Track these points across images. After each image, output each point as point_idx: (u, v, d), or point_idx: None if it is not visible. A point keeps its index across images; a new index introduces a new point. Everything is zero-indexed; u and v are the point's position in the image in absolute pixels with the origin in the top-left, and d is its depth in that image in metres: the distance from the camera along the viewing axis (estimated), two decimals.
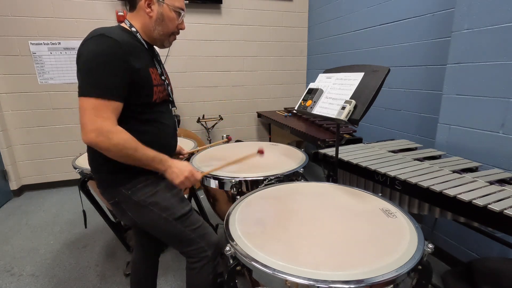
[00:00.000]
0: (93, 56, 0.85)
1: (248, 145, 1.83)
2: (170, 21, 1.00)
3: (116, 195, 1.00)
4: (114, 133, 0.86)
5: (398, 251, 0.74)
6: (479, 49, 1.47)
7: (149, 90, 0.96)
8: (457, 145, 1.62)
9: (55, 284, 1.72)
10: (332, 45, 3.09)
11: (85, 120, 0.84)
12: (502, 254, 1.54)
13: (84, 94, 0.84)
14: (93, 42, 0.86)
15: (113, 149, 0.87)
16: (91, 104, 0.84)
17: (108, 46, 0.85)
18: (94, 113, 0.83)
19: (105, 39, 0.86)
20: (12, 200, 2.92)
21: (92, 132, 0.83)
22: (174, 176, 0.96)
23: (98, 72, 0.84)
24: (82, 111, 0.84)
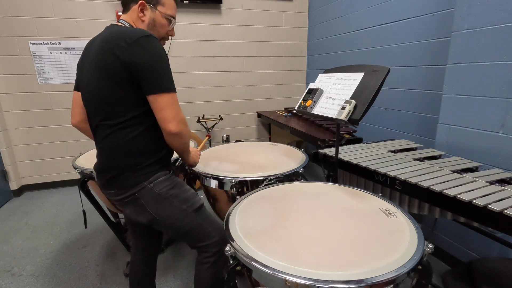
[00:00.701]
0: (160, 54, 0.92)
1: (248, 145, 1.83)
2: (162, 27, 1.05)
3: (136, 190, 1.00)
4: (186, 122, 1.00)
5: (398, 251, 0.74)
6: (479, 49, 1.47)
7: None
8: (457, 145, 1.62)
9: (55, 284, 1.72)
10: (332, 45, 3.09)
11: (173, 113, 0.94)
12: (502, 254, 1.54)
13: (163, 91, 0.92)
14: (151, 42, 0.91)
15: (185, 135, 1.01)
16: (173, 98, 0.94)
17: (159, 43, 0.93)
18: (177, 106, 0.95)
19: (153, 38, 0.92)
20: (12, 200, 2.92)
21: (181, 122, 0.96)
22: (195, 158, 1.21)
23: (168, 69, 0.94)
24: (169, 105, 0.93)
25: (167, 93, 0.92)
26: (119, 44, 0.88)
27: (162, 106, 0.93)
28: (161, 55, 0.92)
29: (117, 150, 0.99)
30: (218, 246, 1.09)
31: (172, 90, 0.94)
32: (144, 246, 1.30)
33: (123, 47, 0.88)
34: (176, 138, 0.99)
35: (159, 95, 0.91)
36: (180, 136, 0.98)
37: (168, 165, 1.11)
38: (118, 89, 0.92)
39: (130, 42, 0.88)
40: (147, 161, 1.00)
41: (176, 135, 0.97)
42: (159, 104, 0.92)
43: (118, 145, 0.98)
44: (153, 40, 0.91)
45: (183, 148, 1.07)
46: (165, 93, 0.92)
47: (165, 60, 0.93)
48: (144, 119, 0.98)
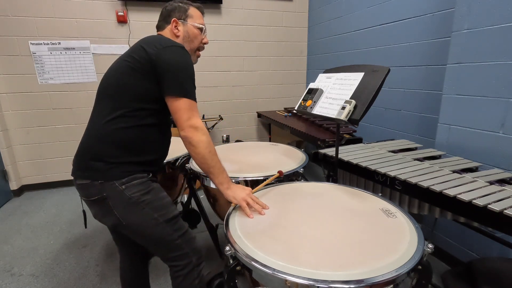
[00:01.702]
0: (187, 64, 0.98)
1: (248, 145, 1.83)
2: (195, 37, 1.13)
3: (105, 189, 0.96)
4: (206, 132, 0.99)
5: (398, 251, 0.74)
6: (479, 49, 1.47)
7: None
8: (457, 145, 1.62)
9: (55, 284, 1.72)
10: (332, 45, 3.09)
11: (185, 117, 0.95)
12: (502, 254, 1.54)
13: (182, 95, 0.95)
14: (182, 52, 0.99)
15: (202, 145, 0.97)
16: (188, 105, 0.96)
17: (189, 56, 1.01)
18: (191, 112, 0.96)
19: (185, 50, 1.00)
20: (12, 200, 2.92)
21: (191, 127, 0.96)
22: (235, 193, 1.02)
23: (190, 78, 0.98)
24: (180, 109, 0.95)
25: (184, 98, 0.95)
26: (154, 45, 0.96)
27: (177, 109, 0.96)
28: (188, 65, 0.98)
29: (101, 133, 0.97)
30: (188, 258, 1.06)
31: (190, 97, 0.97)
32: (131, 253, 1.24)
33: (156, 48, 0.95)
34: (187, 146, 0.99)
35: (177, 98, 0.95)
36: (190, 143, 0.97)
37: (151, 170, 1.06)
38: (133, 78, 0.96)
39: (164, 46, 0.96)
40: (126, 158, 0.97)
41: (185, 141, 0.98)
42: (175, 106, 0.96)
43: (104, 129, 0.97)
44: (185, 51, 0.99)
45: (203, 164, 1.00)
46: (183, 98, 0.95)
47: (191, 71, 0.99)
48: (146, 117, 0.99)
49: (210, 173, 1.01)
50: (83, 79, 2.96)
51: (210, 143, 1.00)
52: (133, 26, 2.99)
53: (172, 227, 1.03)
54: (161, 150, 1.12)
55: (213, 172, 1.01)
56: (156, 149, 1.07)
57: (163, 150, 1.14)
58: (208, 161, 0.99)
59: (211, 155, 0.99)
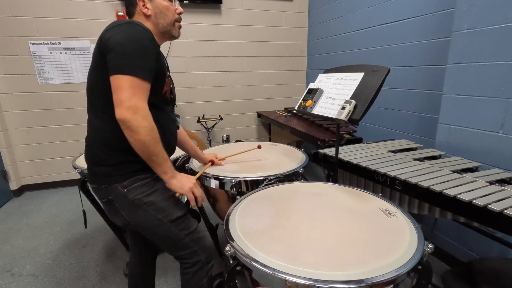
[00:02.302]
0: (128, 37, 0.86)
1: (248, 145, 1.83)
2: (167, 9, 1.03)
3: (110, 193, 0.97)
4: (148, 116, 0.88)
5: (398, 251, 0.74)
6: (479, 49, 1.47)
7: (162, 79, 1.00)
8: (457, 145, 1.62)
9: (55, 284, 1.72)
10: (332, 45, 3.09)
11: (122, 97, 0.84)
12: (502, 254, 1.54)
13: (121, 72, 0.84)
14: (124, 27, 0.88)
15: (143, 131, 0.86)
16: (128, 82, 0.84)
17: (140, 31, 0.89)
18: (132, 91, 0.85)
19: (136, 25, 0.90)
20: (12, 200, 2.92)
21: (130, 109, 0.84)
22: (181, 183, 0.99)
23: (134, 53, 0.86)
24: (118, 88, 0.84)
25: (121, 75, 0.84)
26: (104, 31, 0.90)
27: (116, 87, 0.85)
28: (136, 39, 0.87)
29: (90, 137, 0.97)
30: (197, 256, 1.06)
31: (135, 74, 0.85)
32: (141, 249, 1.27)
33: (105, 32, 0.89)
34: (125, 130, 0.86)
35: (116, 76, 0.84)
36: (129, 127, 0.85)
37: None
38: (96, 74, 0.92)
39: (110, 28, 0.89)
40: (121, 159, 0.95)
41: (123, 125, 0.85)
42: (114, 85, 0.85)
43: (90, 133, 0.97)
44: (134, 27, 0.89)
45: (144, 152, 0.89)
46: (125, 75, 0.84)
47: (139, 46, 0.87)
48: None
49: (152, 161, 0.92)
50: (83, 79, 2.96)
51: (154, 129, 0.89)
52: None
53: (178, 227, 1.03)
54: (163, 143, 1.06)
55: (155, 161, 0.92)
56: None
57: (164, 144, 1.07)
58: (150, 148, 0.89)
59: (153, 142, 0.89)
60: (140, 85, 0.87)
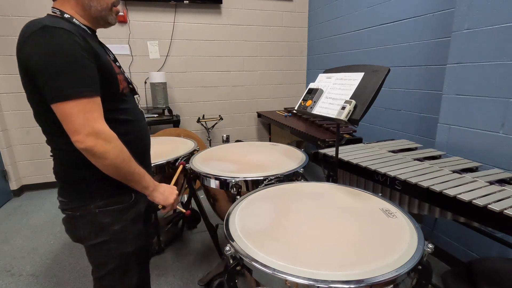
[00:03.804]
0: (51, 52, 0.71)
1: (248, 145, 1.83)
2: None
3: (79, 209, 0.88)
4: (111, 136, 0.78)
5: (398, 251, 0.74)
6: (479, 49, 1.47)
7: (114, 80, 0.85)
8: (457, 145, 1.62)
9: (55, 284, 1.72)
10: (332, 45, 3.09)
11: (75, 125, 0.73)
12: (502, 254, 1.54)
13: (62, 99, 0.72)
14: (40, 37, 0.71)
15: (111, 155, 0.77)
16: (75, 107, 0.72)
17: (62, 37, 0.72)
18: (83, 116, 0.73)
19: (54, 30, 0.71)
20: (12, 200, 2.92)
21: (89, 136, 0.74)
22: (165, 196, 0.94)
23: (67, 70, 0.72)
24: (67, 117, 0.73)
25: (68, 101, 0.72)
26: (18, 42, 0.74)
27: (63, 117, 0.73)
28: (61, 50, 0.71)
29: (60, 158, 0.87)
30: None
31: (78, 96, 0.72)
32: None
33: (18, 45, 0.74)
34: (91, 159, 0.77)
35: (58, 105, 0.72)
36: (94, 155, 0.76)
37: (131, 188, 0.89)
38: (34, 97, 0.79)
39: (24, 40, 0.72)
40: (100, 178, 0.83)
41: (87, 154, 0.76)
42: (60, 115, 0.73)
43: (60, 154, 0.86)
44: (46, 32, 0.71)
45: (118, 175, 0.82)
46: (66, 102, 0.72)
47: (68, 55, 0.72)
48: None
49: (129, 181, 0.85)
50: None
51: (122, 148, 0.80)
52: (133, 26, 2.99)
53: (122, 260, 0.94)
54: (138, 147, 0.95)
55: (132, 180, 0.85)
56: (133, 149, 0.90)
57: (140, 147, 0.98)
58: (123, 170, 0.81)
59: (125, 163, 0.81)
60: (90, 104, 0.75)
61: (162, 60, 3.15)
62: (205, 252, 1.98)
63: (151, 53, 3.11)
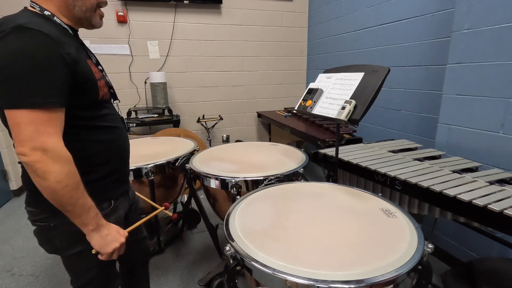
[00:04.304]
0: (15, 55, 0.66)
1: (248, 145, 1.83)
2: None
3: (53, 219, 0.82)
4: (60, 157, 0.69)
5: (398, 251, 0.74)
6: (479, 49, 1.47)
7: (93, 86, 0.80)
8: (457, 145, 1.62)
9: (55, 284, 1.72)
10: (332, 45, 3.09)
11: (21, 136, 0.66)
12: (502, 254, 1.54)
13: (12, 106, 0.66)
14: (13, 38, 0.67)
15: (52, 178, 0.68)
16: (26, 117, 0.66)
17: (34, 40, 0.67)
18: (33, 128, 0.66)
19: (27, 31, 0.67)
20: (12, 200, 2.92)
21: (35, 150, 0.66)
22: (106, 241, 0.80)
23: (28, 75, 0.66)
24: (15, 125, 0.67)
25: (19, 109, 0.66)
26: None
27: (11, 125, 0.68)
28: (22, 54, 0.66)
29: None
30: None
31: (31, 105, 0.66)
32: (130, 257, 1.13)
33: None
34: (31, 175, 0.69)
35: (8, 111, 0.67)
36: (35, 172, 0.67)
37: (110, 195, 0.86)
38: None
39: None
40: None
41: (28, 168, 0.68)
42: (9, 122, 0.68)
43: None
44: (17, 33, 0.67)
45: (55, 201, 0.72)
46: (16, 109, 0.66)
47: (30, 61, 0.66)
48: None
49: (66, 211, 0.74)
50: None
51: (70, 173, 0.71)
52: (133, 26, 2.99)
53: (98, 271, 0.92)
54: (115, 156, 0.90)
55: (72, 211, 0.74)
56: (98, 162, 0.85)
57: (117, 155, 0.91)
58: (62, 198, 0.71)
59: (67, 191, 0.70)
60: (45, 116, 0.68)
61: (162, 60, 3.15)
62: (205, 252, 1.98)
63: (151, 53, 3.11)
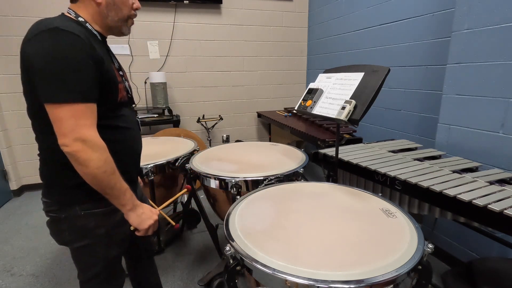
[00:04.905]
0: (52, 54, 0.72)
1: (248, 145, 1.83)
2: (123, 3, 0.89)
3: (65, 211, 0.87)
4: (98, 146, 0.78)
5: (398, 251, 0.74)
6: (479, 49, 1.47)
7: (114, 88, 0.87)
8: (457, 145, 1.62)
9: (55, 284, 1.72)
10: (332, 45, 3.09)
11: (64, 129, 0.74)
12: (502, 254, 1.54)
13: (55, 101, 0.73)
14: (48, 38, 0.72)
15: (93, 165, 0.76)
16: (67, 111, 0.74)
17: (69, 42, 0.73)
18: (74, 121, 0.74)
19: (62, 33, 0.73)
20: (12, 200, 2.92)
21: (76, 141, 0.74)
22: (142, 219, 0.89)
23: (67, 73, 0.73)
24: (57, 119, 0.74)
25: (61, 104, 0.73)
26: (25, 38, 0.75)
27: (55, 119, 0.75)
28: (59, 55, 0.72)
29: (48, 156, 0.89)
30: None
31: (74, 100, 0.74)
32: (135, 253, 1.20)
33: (24, 44, 0.75)
34: (74, 164, 0.77)
35: (50, 106, 0.74)
36: (77, 160, 0.76)
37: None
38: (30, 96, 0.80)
39: (29, 38, 0.74)
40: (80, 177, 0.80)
41: (70, 158, 0.76)
42: (52, 116, 0.75)
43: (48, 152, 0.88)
44: (54, 34, 0.72)
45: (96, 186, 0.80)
46: (59, 104, 0.73)
47: (68, 60, 0.73)
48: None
49: (106, 194, 0.83)
50: None
51: (107, 160, 0.79)
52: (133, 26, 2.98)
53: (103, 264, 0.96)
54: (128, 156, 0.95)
55: (110, 194, 0.83)
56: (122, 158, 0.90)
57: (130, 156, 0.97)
58: (103, 182, 0.80)
59: (106, 175, 0.79)
60: (83, 110, 0.76)
61: (162, 60, 3.15)
62: (205, 252, 1.98)
63: (151, 53, 3.11)
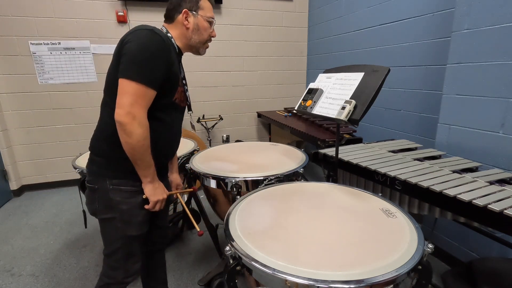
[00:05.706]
0: (143, 46, 0.91)
1: (248, 145, 1.83)
2: (205, 30, 1.11)
3: (98, 182, 1.03)
4: (144, 124, 0.93)
5: (398, 251, 0.74)
6: (479, 49, 1.47)
7: (174, 88, 1.04)
8: (457, 145, 1.62)
9: (55, 284, 1.72)
10: (332, 45, 3.09)
11: (124, 101, 0.89)
12: (502, 254, 1.54)
13: (128, 77, 0.90)
14: (144, 34, 0.93)
15: (135, 137, 0.91)
16: (133, 88, 0.90)
17: (157, 42, 0.93)
18: (134, 98, 0.90)
19: (155, 34, 0.94)
20: (12, 200, 2.92)
21: (129, 114, 0.89)
22: (155, 192, 1.04)
23: (145, 62, 0.91)
24: (123, 92, 0.90)
25: (130, 81, 0.89)
26: (127, 33, 0.95)
27: (122, 91, 0.90)
28: (150, 48, 0.91)
29: (98, 130, 1.03)
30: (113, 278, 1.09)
31: (141, 82, 0.90)
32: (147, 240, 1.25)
33: (127, 34, 0.94)
34: (119, 131, 0.92)
35: (123, 80, 0.90)
36: (124, 130, 0.90)
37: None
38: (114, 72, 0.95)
39: (133, 31, 0.94)
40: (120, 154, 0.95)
41: (119, 126, 0.91)
42: (121, 88, 0.91)
43: (101, 125, 1.02)
44: (152, 34, 0.93)
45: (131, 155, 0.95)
46: (132, 81, 0.89)
47: (152, 55, 0.91)
48: None
49: (136, 164, 0.97)
50: (83, 79, 2.96)
51: (146, 137, 0.95)
52: (133, 26, 2.98)
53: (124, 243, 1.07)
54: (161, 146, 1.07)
55: (139, 165, 0.98)
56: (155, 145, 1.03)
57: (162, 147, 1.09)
58: (137, 153, 0.95)
59: (142, 150, 0.95)
60: (143, 92, 0.92)
61: None
62: (205, 252, 1.98)
63: None
